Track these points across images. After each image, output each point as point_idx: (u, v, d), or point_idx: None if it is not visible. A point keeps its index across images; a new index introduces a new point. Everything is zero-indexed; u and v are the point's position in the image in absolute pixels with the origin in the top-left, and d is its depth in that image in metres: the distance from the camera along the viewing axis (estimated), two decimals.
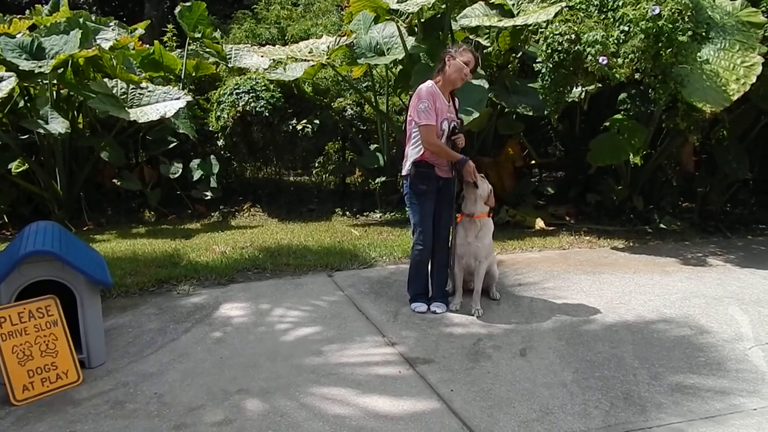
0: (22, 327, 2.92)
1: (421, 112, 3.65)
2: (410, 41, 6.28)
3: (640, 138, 5.68)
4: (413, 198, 3.86)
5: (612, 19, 5.10)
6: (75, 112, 6.87)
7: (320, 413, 2.76)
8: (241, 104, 6.66)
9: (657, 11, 4.76)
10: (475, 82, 5.74)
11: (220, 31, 9.86)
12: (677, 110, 5.35)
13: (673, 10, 4.76)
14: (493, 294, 4.16)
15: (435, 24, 6.49)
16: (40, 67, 5.85)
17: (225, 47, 7.90)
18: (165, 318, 3.87)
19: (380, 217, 6.79)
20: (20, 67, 5.80)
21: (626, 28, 4.94)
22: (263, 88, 6.77)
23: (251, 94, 6.70)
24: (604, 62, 4.91)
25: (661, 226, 6.08)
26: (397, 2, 5.82)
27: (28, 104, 6.54)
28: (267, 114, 6.65)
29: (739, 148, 6.30)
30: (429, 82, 3.76)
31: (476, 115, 5.58)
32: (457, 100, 3.95)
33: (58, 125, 5.92)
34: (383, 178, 6.90)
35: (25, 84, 6.35)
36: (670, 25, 4.77)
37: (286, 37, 10.50)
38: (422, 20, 6.42)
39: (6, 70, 5.97)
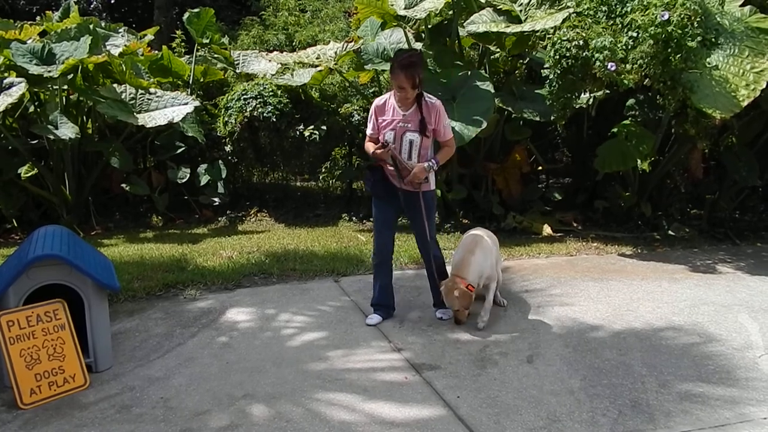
0: (29, 331, 2.93)
1: None
2: (417, 47, 6.29)
3: (648, 144, 5.65)
4: (372, 201, 3.88)
5: (620, 25, 5.10)
6: (84, 118, 6.92)
7: (326, 419, 2.75)
8: (248, 110, 6.69)
9: (666, 17, 4.75)
10: (482, 87, 5.74)
11: (228, 37, 9.90)
12: (686, 116, 5.32)
13: (682, 16, 4.74)
14: (500, 300, 4.13)
15: (442, 30, 6.51)
16: (50, 72, 5.90)
17: (233, 53, 7.94)
18: (171, 322, 3.88)
19: None
20: (29, 72, 5.85)
21: (635, 34, 4.93)
22: (271, 93, 6.80)
23: (259, 100, 6.73)
24: (613, 68, 4.89)
25: (670, 232, 6.04)
26: (405, 8, 5.83)
27: (38, 109, 6.60)
28: (274, 119, 6.67)
29: (749, 155, 6.26)
30: (386, 95, 3.72)
31: (484, 125, 5.59)
32: (432, 105, 3.56)
33: (67, 130, 5.97)
34: None
35: (35, 89, 6.41)
36: (680, 31, 4.75)
37: (294, 43, 10.54)
38: (429, 26, 6.43)
39: (17, 76, 6.03)
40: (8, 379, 2.86)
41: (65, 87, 6.43)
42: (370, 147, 3.70)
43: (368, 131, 3.76)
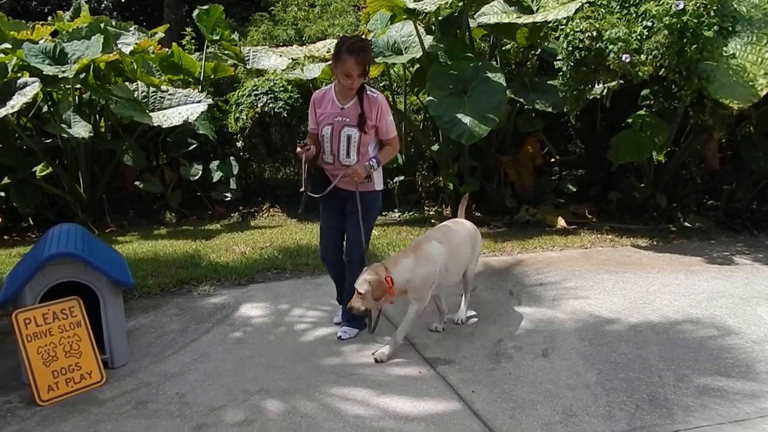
0: (46, 328, 2.96)
1: None
2: (428, 40, 6.24)
3: (663, 135, 5.57)
4: (319, 206, 3.59)
5: (634, 15, 5.01)
6: (97, 116, 6.97)
7: (340, 414, 2.75)
8: (259, 105, 6.69)
9: (681, 6, 4.65)
10: (493, 79, 5.68)
11: (238, 34, 9.92)
12: (703, 106, 5.23)
13: (698, 5, 4.64)
14: (458, 318, 3.75)
15: (452, 22, 6.45)
16: (63, 72, 5.94)
17: (243, 49, 7.94)
18: (186, 318, 3.90)
19: (399, 216, 6.77)
20: (44, 73, 5.89)
21: (649, 24, 4.84)
22: (281, 89, 6.80)
23: (269, 95, 6.73)
24: (627, 60, 4.81)
25: (686, 224, 5.96)
26: (414, 1, 5.78)
27: (52, 109, 6.65)
28: (285, 114, 6.67)
29: (767, 144, 6.14)
30: (327, 87, 3.49)
31: (497, 121, 5.54)
32: (373, 99, 3.34)
33: (81, 129, 6.01)
34: (401, 178, 6.88)
35: (48, 89, 6.45)
36: (695, 20, 4.66)
37: (304, 38, 10.52)
38: (440, 18, 6.38)
39: (30, 76, 6.08)
40: (26, 376, 2.89)
41: (78, 86, 6.47)
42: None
43: (309, 127, 3.53)
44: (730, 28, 4.96)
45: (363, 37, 3.91)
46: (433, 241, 3.42)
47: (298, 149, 3.36)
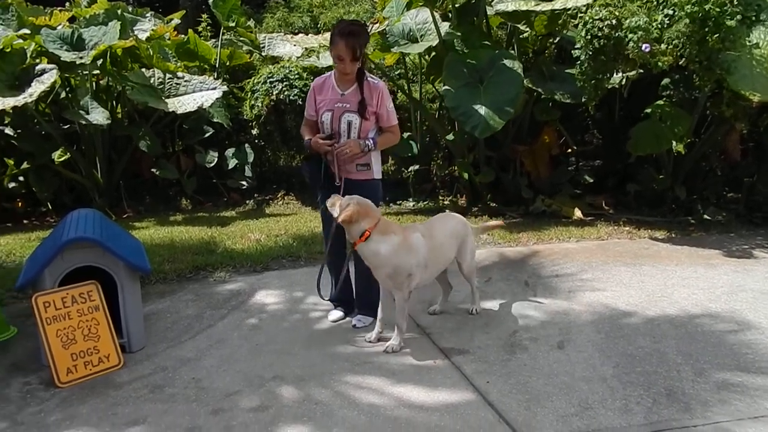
0: (65, 312, 3.00)
1: None
2: (444, 27, 6.18)
3: (683, 125, 5.47)
4: (318, 196, 3.51)
5: (655, 3, 4.91)
6: (114, 102, 7.01)
7: (354, 402, 2.76)
8: (274, 93, 6.69)
9: None
10: (510, 67, 5.61)
11: (254, 21, 9.91)
12: (723, 97, 5.13)
13: None
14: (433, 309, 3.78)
15: (470, 9, 6.37)
16: (81, 58, 5.96)
17: (258, 36, 7.93)
18: (202, 304, 3.93)
19: (413, 205, 6.75)
20: (62, 58, 5.92)
21: (670, 12, 4.75)
22: (296, 76, 6.79)
23: (285, 83, 6.72)
24: (647, 50, 4.72)
25: (705, 217, 5.87)
26: None
27: (70, 95, 6.70)
28: (300, 102, 6.65)
29: None
30: (327, 74, 3.45)
31: (511, 113, 5.48)
32: (374, 86, 3.33)
33: (98, 115, 6.05)
34: (416, 167, 6.85)
35: (66, 75, 6.49)
36: (718, 9, 4.55)
37: (319, 25, 10.49)
38: (456, 6, 6.30)
39: (48, 61, 6.11)
40: (45, 358, 2.93)
41: (95, 72, 6.50)
42: (307, 134, 3.40)
43: (306, 113, 3.47)
44: (753, 17, 4.84)
45: (361, 22, 3.83)
46: (417, 233, 3.27)
47: (320, 141, 3.28)
